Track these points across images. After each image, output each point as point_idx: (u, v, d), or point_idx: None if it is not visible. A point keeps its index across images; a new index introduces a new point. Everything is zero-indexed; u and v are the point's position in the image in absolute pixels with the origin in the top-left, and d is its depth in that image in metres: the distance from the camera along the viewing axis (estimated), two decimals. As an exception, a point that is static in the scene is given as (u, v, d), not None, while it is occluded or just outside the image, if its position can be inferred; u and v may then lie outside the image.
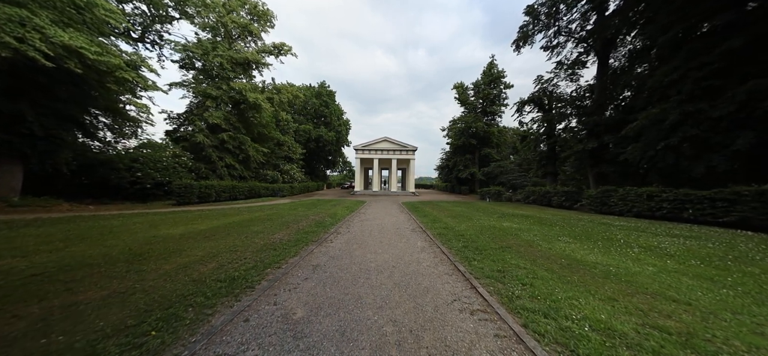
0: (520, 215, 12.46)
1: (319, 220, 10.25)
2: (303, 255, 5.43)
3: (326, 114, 46.51)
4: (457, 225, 9.64)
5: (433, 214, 13.12)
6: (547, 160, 21.30)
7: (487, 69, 36.44)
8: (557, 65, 18.77)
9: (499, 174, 33.34)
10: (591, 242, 6.52)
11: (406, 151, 35.99)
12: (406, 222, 10.93)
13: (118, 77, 9.67)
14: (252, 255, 5.06)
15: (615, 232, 7.96)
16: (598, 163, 15.50)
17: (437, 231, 8.51)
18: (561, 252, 5.59)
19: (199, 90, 21.11)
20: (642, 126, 10.91)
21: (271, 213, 11.94)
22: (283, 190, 28.94)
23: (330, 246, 6.31)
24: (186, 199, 15.01)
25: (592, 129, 15.24)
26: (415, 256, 5.60)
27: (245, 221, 9.45)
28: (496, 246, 6.23)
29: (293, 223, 9.36)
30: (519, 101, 21.93)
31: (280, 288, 3.68)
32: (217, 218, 10.05)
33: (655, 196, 10.31)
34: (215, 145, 21.57)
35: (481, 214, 12.97)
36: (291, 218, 10.62)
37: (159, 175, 15.95)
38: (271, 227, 8.40)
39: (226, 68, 21.88)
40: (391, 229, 8.91)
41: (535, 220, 10.61)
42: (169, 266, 4.31)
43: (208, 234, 6.95)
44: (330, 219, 10.77)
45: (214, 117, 20.65)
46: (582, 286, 3.70)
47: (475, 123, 35.60)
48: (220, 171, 21.52)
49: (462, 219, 11.26)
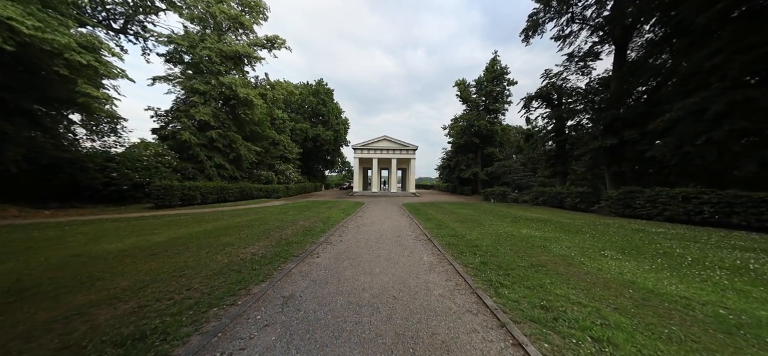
0: (536, 219, 11.15)
1: (308, 226, 8.93)
2: (275, 279, 4.11)
3: (324, 112, 45.19)
4: (467, 231, 8.32)
5: (437, 218, 11.81)
6: (555, 158, 19.99)
7: (489, 65, 35.15)
8: (568, 58, 17.46)
9: (502, 174, 32.04)
10: (646, 258, 5.18)
11: (407, 150, 34.70)
12: (407, 227, 9.61)
13: (70, 61, 8.31)
14: (201, 284, 3.73)
15: (664, 243, 6.59)
16: (616, 161, 14.20)
17: (445, 239, 7.19)
18: (616, 275, 4.24)
19: (186, 85, 19.79)
20: (675, 118, 9.60)
21: (255, 218, 10.61)
22: (278, 191, 27.62)
23: (314, 264, 4.99)
24: (166, 202, 13.68)
25: (610, 124, 13.94)
26: (423, 279, 4.29)
27: (220, 229, 8.12)
28: (523, 263, 4.91)
29: (277, 230, 8.04)
30: (526, 96, 20.61)
31: (216, 350, 2.36)
32: (187, 225, 8.71)
33: (693, 198, 9.00)
34: (203, 143, 20.25)
35: (490, 218, 11.65)
36: (276, 223, 9.29)
37: (138, 176, 14.62)
38: (248, 236, 7.07)
39: (215, 62, 20.56)
40: (390, 237, 7.60)
41: (557, 226, 9.29)
42: (56, 310, 2.89)
43: (161, 248, 5.60)
44: (321, 224, 9.45)
45: (202, 113, 19.33)
46: (704, 351, 2.36)
47: (478, 121, 34.31)
48: (209, 171, 20.19)
49: (471, 223, 9.94)
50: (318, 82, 46.43)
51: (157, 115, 21.75)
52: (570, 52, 17.49)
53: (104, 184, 13.59)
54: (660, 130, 10.71)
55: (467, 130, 35.73)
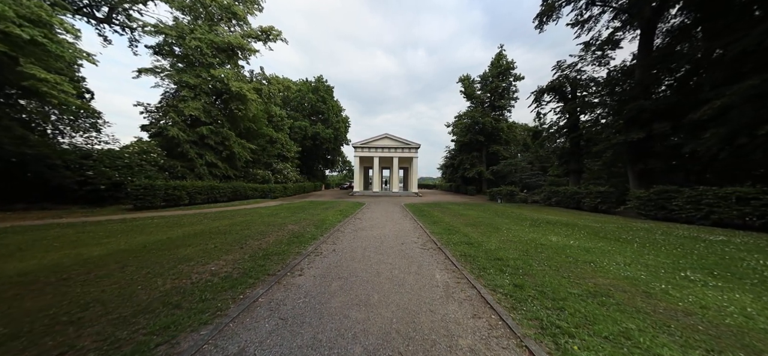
0: (558, 222, 9.82)
1: (297, 232, 7.67)
2: (227, 317, 2.84)
3: (323, 110, 43.95)
4: (483, 238, 7.02)
5: (444, 220, 10.52)
6: (569, 155, 18.60)
7: (495, 60, 33.75)
8: (584, 47, 16.06)
9: (509, 172, 30.67)
10: (753, 284, 3.84)
11: (409, 148, 33.40)
12: (412, 231, 8.33)
13: (9, 34, 6.92)
14: (96, 336, 2.42)
15: (749, 258, 5.24)
16: (641, 158, 12.81)
17: (459, 249, 5.91)
18: (742, 320, 2.82)
19: (175, 78, 18.60)
20: (728, 104, 8.22)
21: (239, 222, 9.36)
22: (275, 191, 26.42)
23: (292, 287, 3.73)
24: (147, 203, 12.47)
25: (635, 117, 12.55)
26: (440, 313, 3.02)
27: (188, 236, 6.85)
28: (576, 289, 3.61)
29: (257, 237, 6.77)
30: (537, 90, 19.23)
31: None
32: (151, 231, 7.44)
33: (751, 199, 7.65)
34: (193, 140, 19.06)
35: (505, 221, 10.34)
36: (260, 228, 8.03)
37: (117, 175, 13.43)
38: (217, 246, 5.80)
39: (206, 54, 19.36)
40: (393, 246, 6.32)
41: (589, 232, 7.96)
42: None
43: (86, 268, 4.25)
44: (313, 229, 8.19)
45: (191, 108, 18.13)
46: None
47: (483, 118, 32.92)
48: (199, 170, 18.99)
49: (485, 228, 8.64)
50: (317, 79, 45.21)
51: (147, 110, 20.59)
52: (587, 41, 16.11)
53: (79, 184, 12.41)
54: (702, 121, 9.30)
55: (471, 128, 34.37)
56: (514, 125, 36.15)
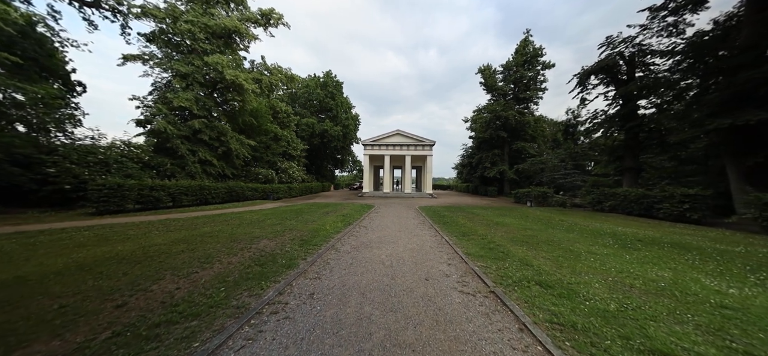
0: (655, 241, 6.88)
1: (270, 253, 5.24)
2: None
3: (332, 107, 41.85)
4: (561, 272, 4.31)
5: (477, 231, 7.82)
6: (623, 150, 15.25)
7: (520, 47, 30.36)
8: (649, 13, 12.73)
9: (536, 172, 27.24)
10: None
11: (423, 146, 30.62)
12: (436, 250, 5.73)
13: None
14: None
15: None
16: (754, 149, 9.40)
17: (536, 299, 3.26)
18: None
19: (165, 65, 16.83)
20: None
21: (200, 234, 7.04)
22: (279, 192, 24.42)
23: None
24: (113, 206, 10.48)
25: (745, 92, 9.12)
26: None
27: (79, 266, 4.51)
28: None
29: (194, 269, 4.35)
30: (581, 72, 15.97)
31: None
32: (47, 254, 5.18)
33: None
34: (185, 134, 17.20)
35: (568, 235, 7.50)
36: (217, 248, 5.64)
37: (87, 173, 11.57)
38: (93, 293, 3.42)
39: (200, 39, 17.50)
40: (412, 284, 3.74)
41: (727, 260, 5.06)
42: None
43: None
44: (296, 247, 5.73)
45: (182, 99, 16.25)
46: None
47: (505, 111, 29.62)
48: (191, 168, 17.10)
49: (549, 249, 5.88)
50: (326, 74, 43.20)
51: (143, 105, 19.00)
52: (651, 6, 12.82)
53: (39, 183, 10.59)
54: None
55: (492, 123, 31.13)
56: (541, 119, 32.57)
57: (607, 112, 16.34)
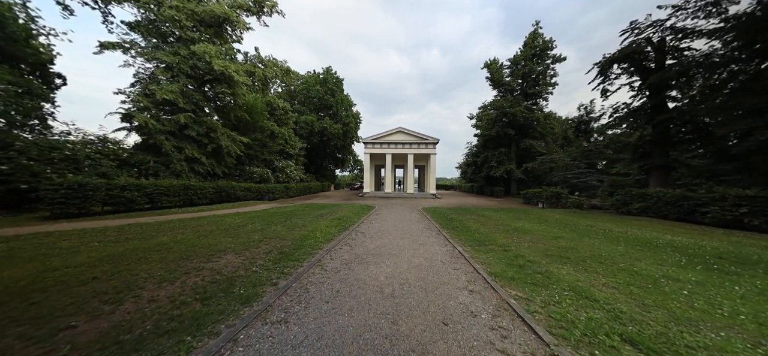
0: (731, 256, 5.46)
1: (233, 273, 3.87)
2: None
3: (332, 104, 40.47)
4: (659, 316, 2.90)
5: (496, 240, 6.42)
6: (651, 146, 13.73)
7: (529, 39, 28.84)
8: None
9: (546, 171, 25.74)
10: None
11: (426, 144, 29.21)
12: (449, 265, 4.32)
13: None
14: None
15: None
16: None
17: None
18: None
19: (148, 54, 15.55)
20: None
21: (165, 242, 5.68)
22: (275, 192, 23.14)
23: None
24: (73, 208, 9.18)
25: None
26: None
27: None
28: None
29: (121, 298, 2.99)
30: (603, 60, 14.48)
31: None
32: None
33: None
34: (170, 130, 15.92)
35: (615, 248, 6.09)
36: (170, 264, 4.27)
37: (50, 171, 10.28)
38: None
39: (186, 26, 16.22)
40: (421, 319, 2.37)
41: None
42: None
43: None
44: (272, 264, 4.36)
45: (165, 91, 14.96)
46: None
47: (513, 108, 28.11)
48: (177, 166, 15.81)
49: (600, 267, 4.47)
50: (326, 70, 41.86)
51: (131, 100, 17.74)
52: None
53: (-10, 181, 9.31)
54: None
55: (499, 120, 29.64)
56: (551, 115, 31.01)
57: (630, 105, 14.85)
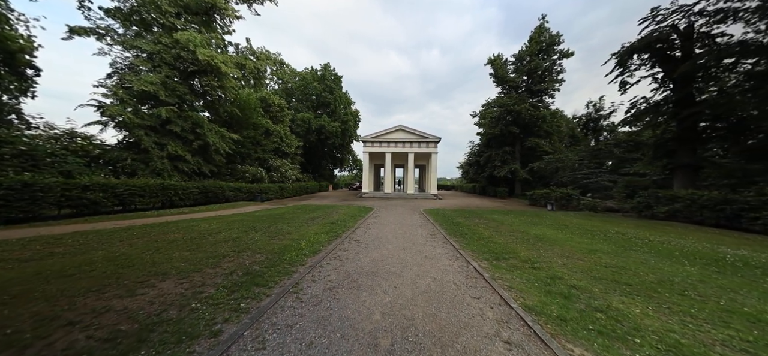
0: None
1: (153, 319, 2.59)
2: None
3: (330, 101, 39.18)
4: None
5: (518, 252, 5.16)
6: (676, 143, 12.47)
7: (535, 34, 27.61)
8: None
9: (554, 171, 24.51)
10: None
11: (427, 142, 27.98)
12: (466, 292, 3.03)
13: None
14: None
15: None
16: None
17: None
18: None
19: (125, 41, 14.28)
20: None
21: (99, 258, 4.41)
22: (269, 192, 21.92)
23: None
24: (21, 212, 7.91)
25: None
26: None
27: None
28: None
29: None
30: (622, 49, 13.24)
31: None
32: None
33: None
34: (150, 125, 14.64)
35: (682, 268, 4.87)
36: (70, 298, 3.00)
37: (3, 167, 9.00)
38: None
39: (168, 12, 14.95)
40: None
41: None
42: None
43: None
44: (224, 296, 3.10)
45: (144, 82, 13.69)
46: None
47: (517, 105, 26.90)
48: (157, 164, 14.51)
49: (686, 303, 3.23)
50: (324, 67, 40.57)
51: (116, 95, 16.42)
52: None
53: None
54: None
55: (503, 118, 28.42)
56: (558, 113, 29.80)
57: (650, 99, 13.63)
